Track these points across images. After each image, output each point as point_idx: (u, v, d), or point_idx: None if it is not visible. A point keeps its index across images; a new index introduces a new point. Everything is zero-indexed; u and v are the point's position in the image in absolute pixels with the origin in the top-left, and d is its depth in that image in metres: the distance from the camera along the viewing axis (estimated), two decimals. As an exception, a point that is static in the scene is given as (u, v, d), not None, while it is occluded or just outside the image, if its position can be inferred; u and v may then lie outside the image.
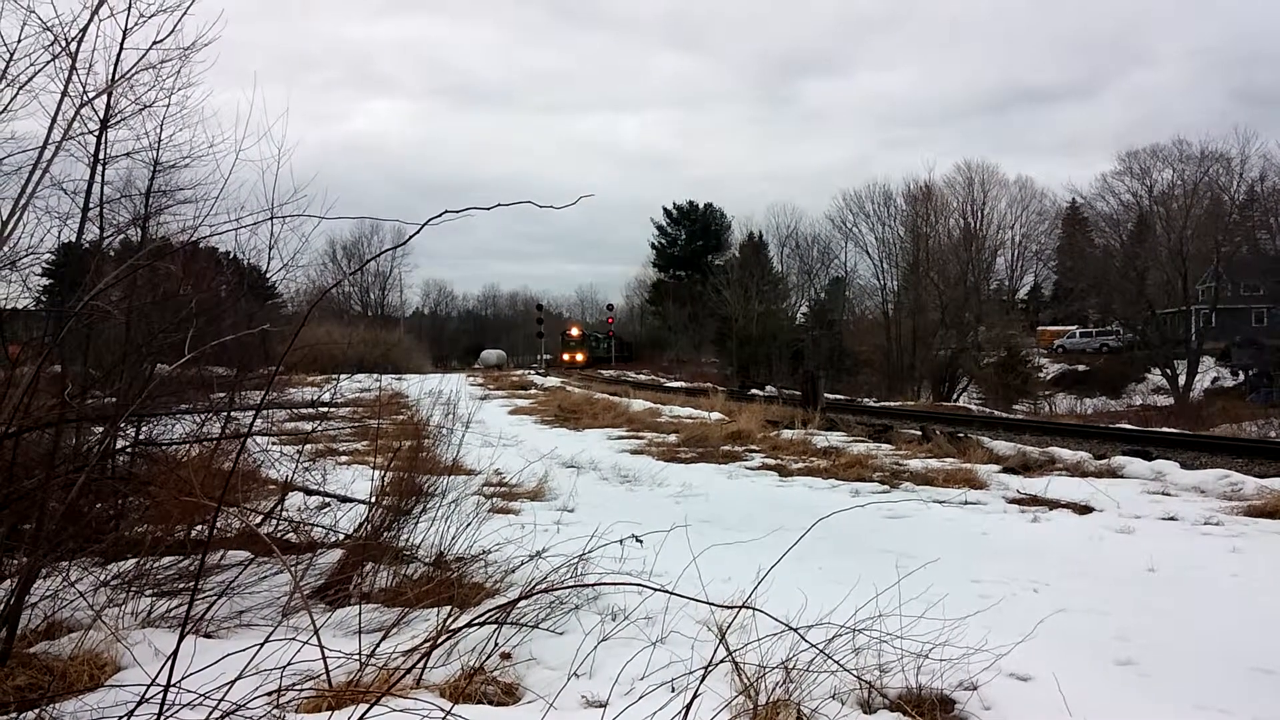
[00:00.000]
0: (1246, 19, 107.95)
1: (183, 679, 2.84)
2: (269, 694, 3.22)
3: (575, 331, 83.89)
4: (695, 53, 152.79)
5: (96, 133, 5.73)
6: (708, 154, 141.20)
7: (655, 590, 3.77)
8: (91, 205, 5.93)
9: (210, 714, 2.91)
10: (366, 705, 2.88)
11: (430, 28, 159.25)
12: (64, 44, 5.16)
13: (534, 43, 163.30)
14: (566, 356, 78.44)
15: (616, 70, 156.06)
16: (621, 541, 4.63)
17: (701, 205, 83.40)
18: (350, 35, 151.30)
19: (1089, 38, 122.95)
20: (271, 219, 5.17)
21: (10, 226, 5.19)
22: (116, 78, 5.59)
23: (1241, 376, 49.66)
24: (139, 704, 2.79)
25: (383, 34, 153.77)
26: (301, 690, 3.40)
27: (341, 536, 5.88)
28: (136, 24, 5.56)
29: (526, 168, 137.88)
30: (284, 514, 6.14)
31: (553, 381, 41.72)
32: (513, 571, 5.17)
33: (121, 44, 5.55)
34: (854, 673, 3.66)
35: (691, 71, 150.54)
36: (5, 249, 5.42)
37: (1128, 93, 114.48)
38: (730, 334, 63.26)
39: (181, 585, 4.87)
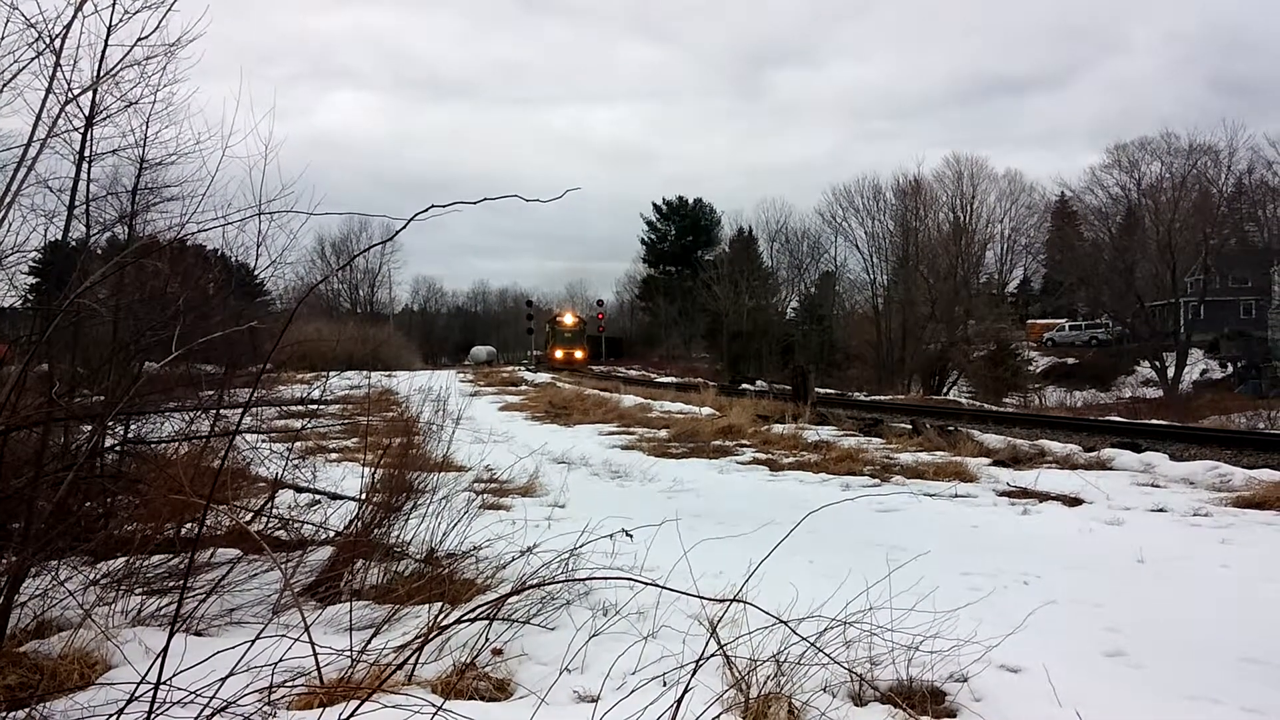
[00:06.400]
0: (1221, 5, 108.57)
1: (173, 677, 2.84)
2: (260, 691, 3.21)
3: (569, 320, 67.21)
4: (662, 44, 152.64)
5: (82, 130, 5.69)
6: (683, 148, 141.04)
7: (646, 585, 3.77)
8: (77, 203, 5.89)
9: (201, 712, 2.90)
10: (358, 702, 2.88)
11: (389, 17, 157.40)
12: (48, 40, 5.12)
13: (495, 31, 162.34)
14: (560, 353, 63.22)
15: (582, 61, 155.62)
16: (612, 536, 4.63)
17: (691, 200, 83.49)
18: (309, 26, 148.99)
19: (1064, 24, 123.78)
20: (259, 215, 5.15)
21: (-5, 224, 5.16)
22: (101, 74, 5.54)
23: (1230, 368, 49.96)
24: (129, 702, 2.78)
25: (341, 24, 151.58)
26: (292, 687, 3.40)
27: (332, 534, 5.86)
28: (121, 20, 5.51)
29: (500, 162, 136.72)
30: (274, 511, 6.13)
31: (543, 378, 41.75)
32: (504, 567, 5.16)
33: (106, 40, 5.51)
34: (845, 665, 3.67)
35: (660, 63, 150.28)
36: (-9, 247, 5.38)
37: (1105, 82, 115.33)
38: (721, 329, 63.29)
39: (171, 583, 4.85)
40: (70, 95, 5.27)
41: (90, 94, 5.60)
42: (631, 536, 4.60)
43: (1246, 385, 44.08)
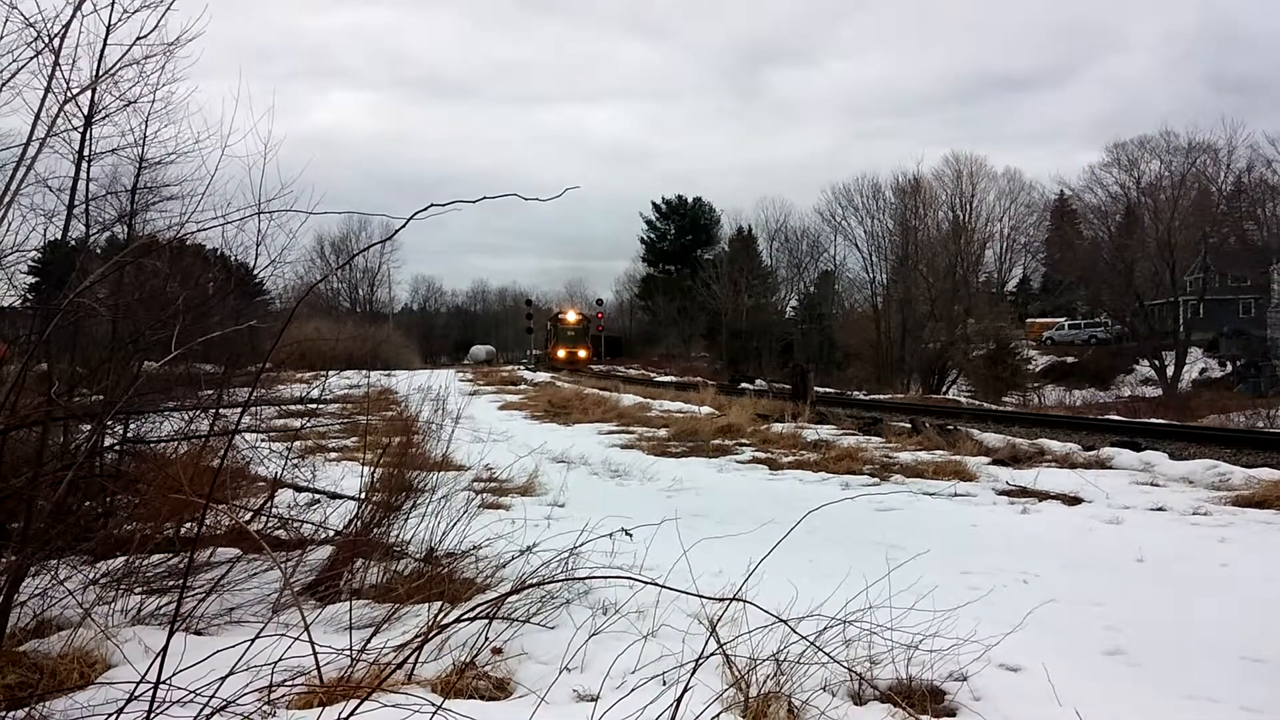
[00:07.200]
0: (1220, 4, 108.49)
1: (173, 676, 2.84)
2: (259, 690, 3.21)
3: (572, 317, 64.54)
4: (659, 42, 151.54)
5: (81, 129, 5.70)
6: (681, 147, 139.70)
7: (646, 584, 3.77)
8: (77, 202, 5.90)
9: (201, 711, 2.90)
10: (358, 701, 2.88)
11: (386, 16, 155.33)
12: (47, 40, 5.12)
13: (494, 31, 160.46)
14: (563, 352, 60.74)
15: (580, 61, 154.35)
16: (612, 535, 4.63)
17: (690, 199, 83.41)
18: (306, 26, 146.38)
19: (1062, 22, 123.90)
20: (259, 214, 5.15)
21: (-5, 224, 5.15)
22: (100, 74, 5.55)
23: (1229, 367, 49.96)
24: (129, 701, 2.78)
25: (339, 23, 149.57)
26: (292, 686, 3.40)
27: (331, 533, 5.86)
28: (120, 19, 5.52)
29: (498, 162, 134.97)
30: (273, 511, 6.13)
31: (542, 377, 41.75)
32: (503, 566, 5.16)
33: (105, 39, 5.51)
34: (845, 664, 3.67)
35: (657, 62, 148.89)
36: (-10, 246, 5.38)
37: (1104, 80, 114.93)
38: (720, 328, 63.23)
39: (171, 583, 4.85)
40: (69, 94, 5.27)
41: (89, 93, 5.60)
42: (631, 536, 4.60)
43: (1246, 384, 44.08)
